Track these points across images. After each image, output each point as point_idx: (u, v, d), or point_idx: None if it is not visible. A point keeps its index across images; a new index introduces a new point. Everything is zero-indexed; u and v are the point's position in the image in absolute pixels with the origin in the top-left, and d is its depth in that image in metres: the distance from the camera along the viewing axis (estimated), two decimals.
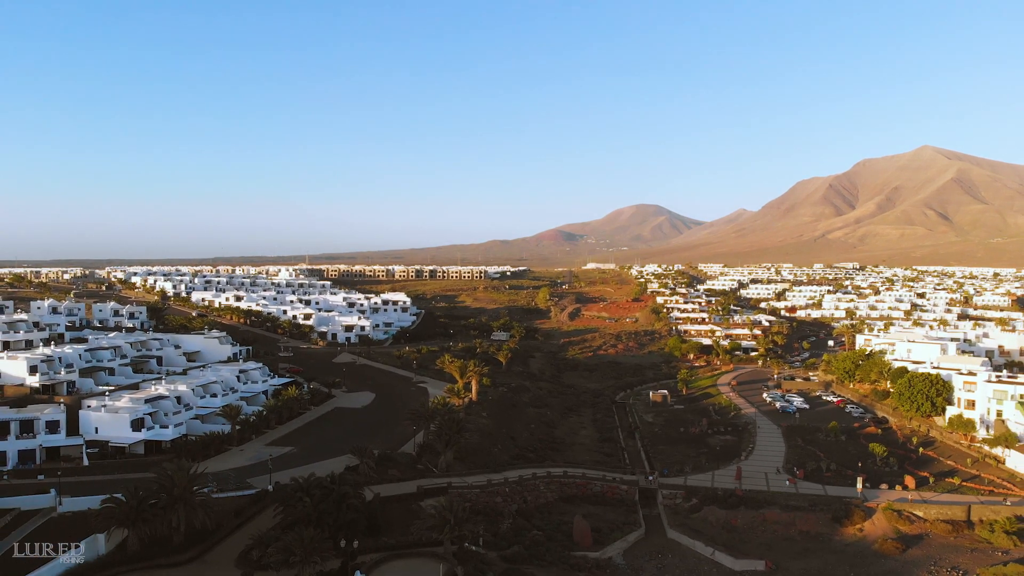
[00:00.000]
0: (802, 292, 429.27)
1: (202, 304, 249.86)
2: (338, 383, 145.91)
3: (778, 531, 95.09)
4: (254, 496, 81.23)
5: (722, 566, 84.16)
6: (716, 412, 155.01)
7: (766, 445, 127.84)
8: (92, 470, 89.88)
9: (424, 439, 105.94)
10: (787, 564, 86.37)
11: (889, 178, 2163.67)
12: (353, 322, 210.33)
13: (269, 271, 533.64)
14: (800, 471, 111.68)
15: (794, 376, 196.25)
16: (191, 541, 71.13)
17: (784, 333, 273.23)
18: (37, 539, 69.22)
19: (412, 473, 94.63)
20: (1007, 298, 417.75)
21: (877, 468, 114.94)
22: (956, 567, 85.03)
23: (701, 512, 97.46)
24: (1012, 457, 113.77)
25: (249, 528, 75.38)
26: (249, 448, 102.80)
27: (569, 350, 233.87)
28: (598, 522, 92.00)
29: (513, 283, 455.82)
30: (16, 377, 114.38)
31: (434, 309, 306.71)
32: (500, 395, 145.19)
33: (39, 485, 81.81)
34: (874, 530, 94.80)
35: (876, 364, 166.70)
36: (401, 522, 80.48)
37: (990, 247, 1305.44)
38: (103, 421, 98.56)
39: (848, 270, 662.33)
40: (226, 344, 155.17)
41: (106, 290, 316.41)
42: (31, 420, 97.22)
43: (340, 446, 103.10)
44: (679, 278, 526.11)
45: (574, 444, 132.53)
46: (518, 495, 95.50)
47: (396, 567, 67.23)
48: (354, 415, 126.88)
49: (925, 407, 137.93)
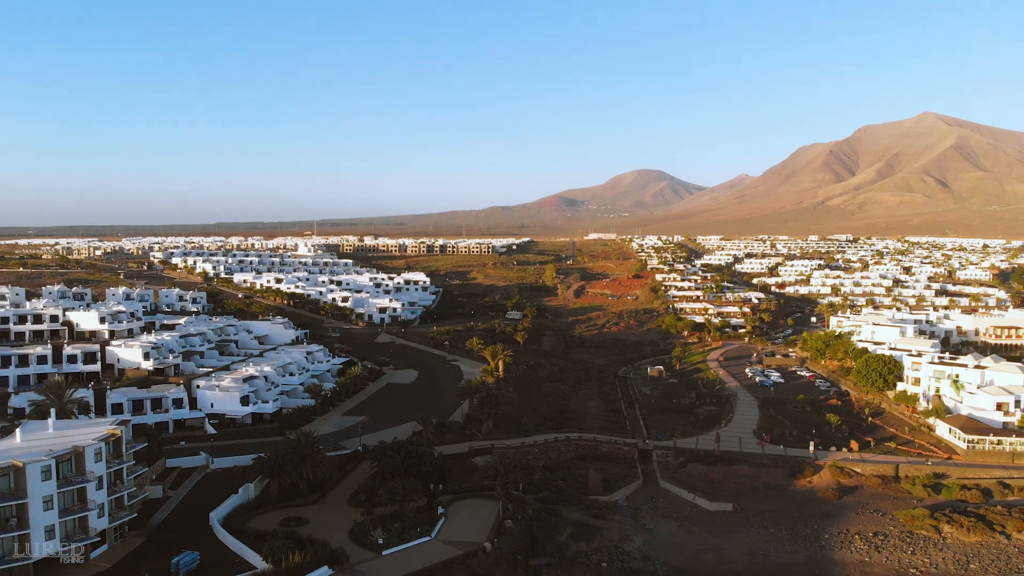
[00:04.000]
0: (793, 267, 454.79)
1: (244, 286, 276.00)
2: (386, 362, 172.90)
3: (745, 482, 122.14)
4: (349, 455, 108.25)
5: (700, 507, 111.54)
6: (704, 386, 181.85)
7: (743, 414, 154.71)
8: (217, 438, 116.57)
9: (468, 410, 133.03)
10: (751, 506, 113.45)
11: (890, 144, 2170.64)
12: (386, 304, 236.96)
13: (286, 244, 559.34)
14: (768, 436, 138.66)
15: (775, 352, 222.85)
16: (312, 488, 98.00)
17: (772, 310, 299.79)
18: (202, 488, 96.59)
19: (462, 437, 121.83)
20: (989, 272, 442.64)
21: (831, 434, 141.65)
22: (878, 510, 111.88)
23: (686, 468, 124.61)
24: (940, 426, 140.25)
25: (351, 478, 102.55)
26: (330, 417, 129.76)
27: (576, 328, 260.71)
28: (606, 474, 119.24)
29: (520, 258, 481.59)
30: (133, 362, 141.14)
31: (450, 287, 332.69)
32: (521, 372, 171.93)
33: (189, 449, 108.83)
34: (820, 482, 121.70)
35: (843, 344, 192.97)
36: (459, 474, 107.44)
37: (987, 215, 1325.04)
38: (217, 398, 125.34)
39: (841, 242, 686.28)
40: (289, 329, 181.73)
41: (147, 270, 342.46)
42: (160, 398, 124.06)
43: (401, 416, 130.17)
44: (678, 252, 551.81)
45: (584, 413, 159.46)
46: (544, 454, 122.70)
47: (464, 504, 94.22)
48: (404, 390, 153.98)
49: (879, 383, 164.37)
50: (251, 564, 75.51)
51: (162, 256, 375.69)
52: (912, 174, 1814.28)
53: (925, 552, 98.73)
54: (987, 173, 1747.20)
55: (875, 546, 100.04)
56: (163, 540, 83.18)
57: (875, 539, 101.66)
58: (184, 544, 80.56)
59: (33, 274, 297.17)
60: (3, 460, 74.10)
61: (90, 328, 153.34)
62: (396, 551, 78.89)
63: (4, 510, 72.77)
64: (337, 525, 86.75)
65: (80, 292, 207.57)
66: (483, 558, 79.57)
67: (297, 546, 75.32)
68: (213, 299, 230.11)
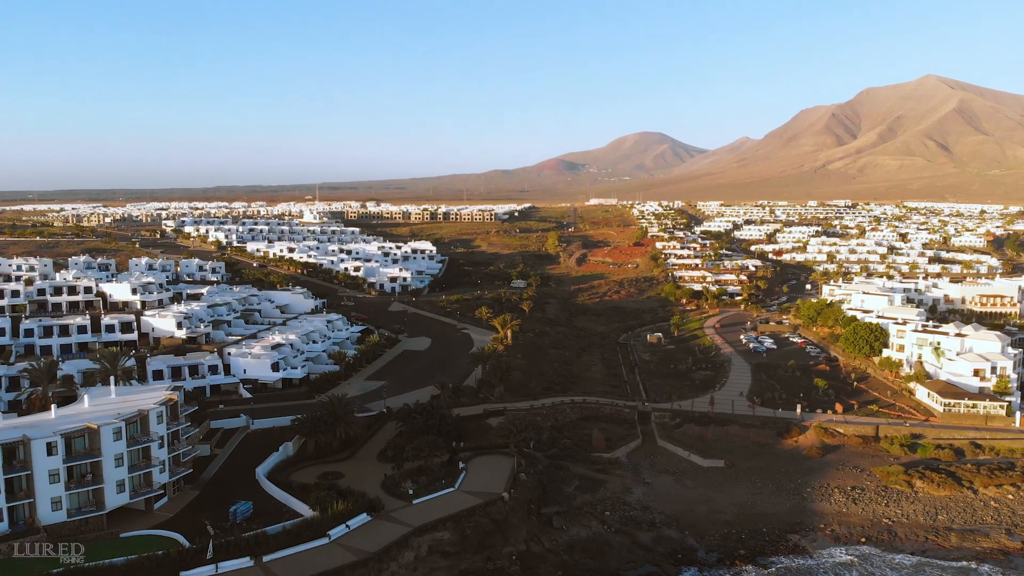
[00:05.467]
0: (791, 233, 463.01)
1: (258, 255, 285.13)
2: (401, 330, 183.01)
3: (737, 441, 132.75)
4: (375, 416, 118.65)
5: (695, 464, 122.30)
6: (700, 352, 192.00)
7: (736, 378, 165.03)
8: (253, 401, 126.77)
9: (481, 375, 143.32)
10: (741, 463, 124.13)
11: (892, 107, 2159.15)
12: (396, 274, 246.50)
13: (291, 211, 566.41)
14: (759, 399, 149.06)
15: (769, 320, 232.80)
16: (344, 445, 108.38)
17: (768, 277, 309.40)
18: (244, 447, 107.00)
19: (476, 400, 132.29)
20: (984, 239, 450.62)
21: (818, 397, 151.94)
22: (857, 467, 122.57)
23: (682, 428, 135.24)
24: (919, 391, 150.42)
25: (378, 436, 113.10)
26: (354, 382, 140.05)
27: (579, 296, 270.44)
28: (609, 434, 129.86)
29: (522, 225, 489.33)
30: (167, 331, 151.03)
31: (456, 256, 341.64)
32: (528, 339, 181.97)
33: (229, 412, 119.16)
34: (805, 441, 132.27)
35: (834, 312, 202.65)
36: (475, 433, 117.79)
37: (987, 179, 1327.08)
38: (249, 364, 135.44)
39: (840, 208, 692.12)
40: (308, 298, 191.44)
41: (161, 238, 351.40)
42: (196, 365, 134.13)
43: (419, 380, 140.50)
44: (678, 218, 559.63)
45: (588, 378, 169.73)
46: (551, 416, 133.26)
47: (481, 460, 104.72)
48: (419, 356, 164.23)
49: (865, 350, 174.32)
50: (298, 512, 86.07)
51: (174, 225, 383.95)
52: (913, 137, 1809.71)
53: (898, 504, 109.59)
54: (988, 137, 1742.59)
55: (852, 498, 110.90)
56: (216, 493, 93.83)
57: (853, 492, 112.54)
58: (235, 496, 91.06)
59: (50, 243, 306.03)
60: (79, 423, 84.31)
61: (122, 299, 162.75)
62: (425, 500, 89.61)
63: (81, 467, 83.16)
64: (369, 478, 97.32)
65: (105, 263, 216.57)
66: (501, 506, 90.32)
67: (339, 496, 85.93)
68: (231, 269, 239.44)
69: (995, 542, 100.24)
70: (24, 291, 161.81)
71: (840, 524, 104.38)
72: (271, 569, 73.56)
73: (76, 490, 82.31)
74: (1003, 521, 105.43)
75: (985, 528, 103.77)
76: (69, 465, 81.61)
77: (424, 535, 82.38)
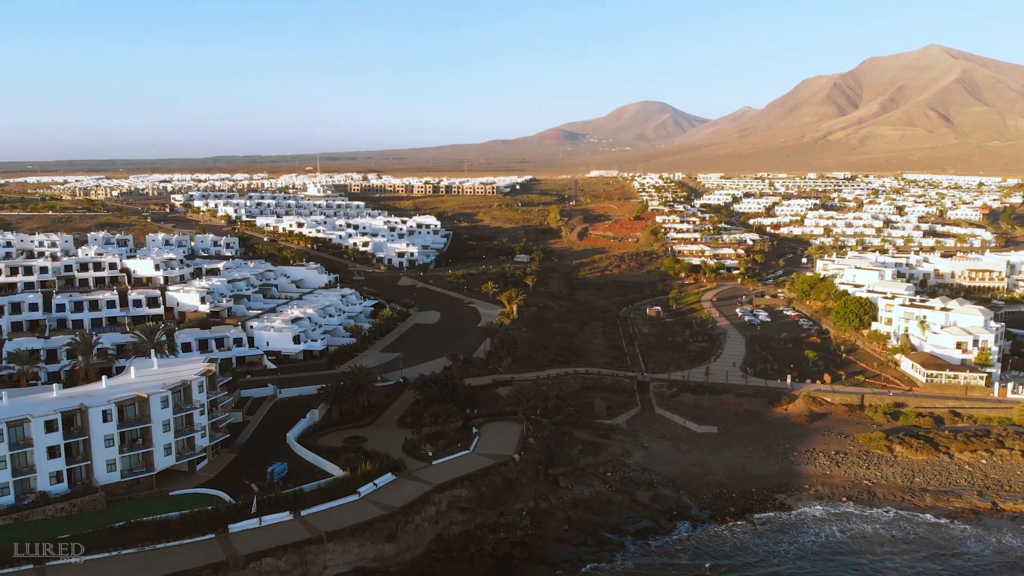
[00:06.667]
0: (789, 207, 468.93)
1: (268, 230, 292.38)
2: (411, 304, 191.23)
3: (730, 409, 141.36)
4: (393, 385, 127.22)
5: (690, 430, 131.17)
6: (697, 324, 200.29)
7: (731, 350, 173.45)
8: (276, 372, 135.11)
9: (490, 347, 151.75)
10: (733, 429, 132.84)
11: (894, 77, 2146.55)
12: (404, 249, 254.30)
13: (295, 184, 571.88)
14: (751, 370, 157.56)
15: (764, 293, 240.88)
16: (365, 412, 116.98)
17: (765, 251, 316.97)
18: (273, 414, 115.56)
19: (485, 371, 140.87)
20: (980, 212, 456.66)
21: (808, 368, 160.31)
22: (842, 433, 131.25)
23: (678, 397, 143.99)
24: (904, 362, 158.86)
25: (396, 404, 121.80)
26: (370, 354, 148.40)
27: (580, 271, 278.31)
28: (610, 402, 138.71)
29: (524, 199, 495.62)
30: (191, 305, 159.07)
31: (460, 230, 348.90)
32: (533, 313, 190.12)
33: (256, 381, 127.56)
34: (794, 409, 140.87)
35: (826, 286, 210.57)
36: (486, 401, 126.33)
37: (987, 150, 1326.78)
38: (272, 337, 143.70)
39: (839, 180, 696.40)
40: (323, 274, 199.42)
41: (171, 212, 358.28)
42: (222, 338, 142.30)
43: (431, 352, 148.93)
44: (678, 191, 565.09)
45: (590, 350, 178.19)
46: (556, 385, 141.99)
47: (493, 426, 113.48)
48: (430, 330, 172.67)
49: (855, 323, 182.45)
50: (328, 472, 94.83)
51: (183, 199, 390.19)
52: (915, 108, 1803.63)
53: (878, 467, 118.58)
54: (990, 108, 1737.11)
55: (836, 462, 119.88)
56: (250, 455, 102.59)
57: (836, 456, 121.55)
58: (268, 459, 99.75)
59: (64, 217, 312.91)
60: (130, 392, 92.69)
61: (146, 274, 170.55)
62: (443, 461, 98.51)
63: (133, 432, 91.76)
64: (391, 442, 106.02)
65: (123, 239, 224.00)
66: (512, 466, 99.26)
67: (365, 457, 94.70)
68: (243, 244, 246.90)
69: (967, 502, 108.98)
70: (52, 267, 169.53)
71: (824, 485, 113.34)
72: (308, 522, 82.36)
73: (128, 453, 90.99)
74: (976, 483, 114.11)
75: (958, 490, 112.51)
76: (122, 431, 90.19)
77: (444, 492, 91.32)
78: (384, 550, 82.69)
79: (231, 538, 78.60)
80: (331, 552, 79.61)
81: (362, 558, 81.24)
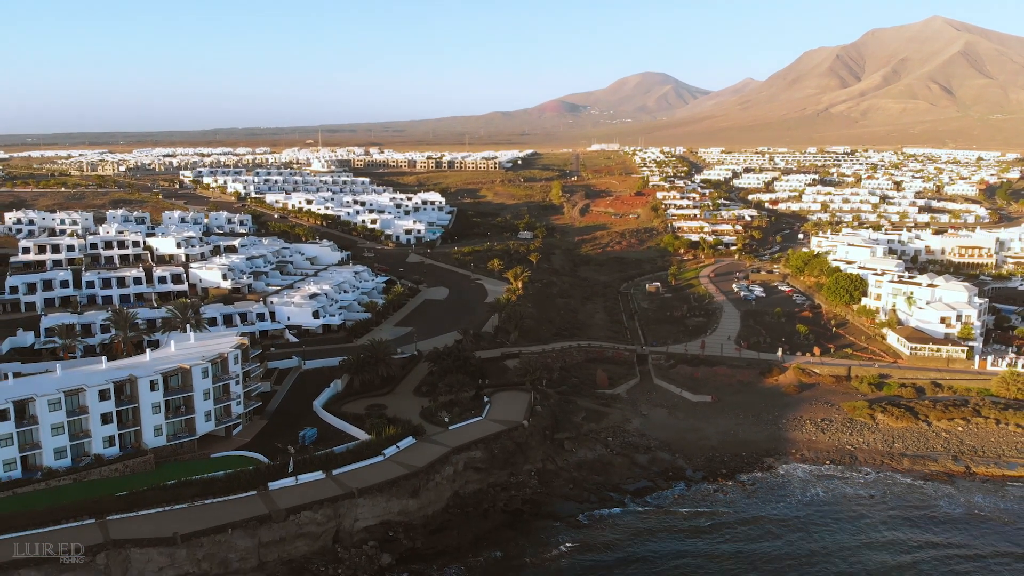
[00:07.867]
0: (788, 182, 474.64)
1: (277, 206, 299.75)
2: (421, 281, 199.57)
3: (724, 380, 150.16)
4: (408, 357, 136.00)
5: (686, 399, 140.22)
6: (694, 300, 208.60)
7: (726, 324, 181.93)
8: (299, 345, 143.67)
9: (498, 322, 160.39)
10: (726, 399, 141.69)
11: (896, 49, 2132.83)
12: (411, 226, 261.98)
13: (299, 159, 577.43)
14: (745, 343, 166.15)
15: (760, 269, 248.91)
16: (384, 382, 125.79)
17: (763, 227, 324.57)
18: (299, 384, 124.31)
19: (493, 345, 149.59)
20: (977, 187, 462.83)
21: (799, 341, 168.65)
22: (828, 402, 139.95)
23: (675, 368, 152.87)
24: (890, 336, 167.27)
25: (412, 375, 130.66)
26: (384, 328, 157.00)
27: (582, 247, 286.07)
28: (611, 374, 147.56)
29: (526, 174, 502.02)
30: (213, 282, 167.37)
31: (464, 207, 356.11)
32: (537, 289, 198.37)
33: (281, 354, 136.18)
34: (785, 380, 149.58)
35: (819, 263, 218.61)
36: (495, 373, 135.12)
37: (989, 123, 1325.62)
38: (292, 312, 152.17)
39: (838, 155, 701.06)
40: (336, 251, 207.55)
41: (180, 188, 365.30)
42: (245, 312, 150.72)
43: (442, 327, 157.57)
44: (679, 166, 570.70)
45: (592, 324, 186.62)
46: (560, 358, 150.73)
47: (503, 396, 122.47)
48: (439, 305, 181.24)
49: (845, 298, 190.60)
50: (354, 436, 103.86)
51: (191, 175, 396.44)
52: (917, 80, 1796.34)
53: (860, 434, 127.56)
54: (992, 80, 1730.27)
55: (821, 429, 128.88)
56: (281, 422, 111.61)
57: (822, 423, 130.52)
58: (298, 425, 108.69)
59: (76, 194, 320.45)
60: (173, 364, 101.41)
61: (168, 252, 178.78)
62: (458, 427, 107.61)
63: (177, 400, 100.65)
64: (409, 409, 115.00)
65: (140, 216, 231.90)
66: (522, 431, 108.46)
67: (388, 423, 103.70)
68: (256, 221, 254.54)
69: (942, 466, 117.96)
70: (78, 245, 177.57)
71: (809, 449, 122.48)
72: (340, 480, 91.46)
73: (173, 419, 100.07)
74: (951, 449, 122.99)
75: (935, 455, 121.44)
76: (167, 399, 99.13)
77: (460, 454, 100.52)
78: (408, 505, 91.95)
79: (271, 495, 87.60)
80: (361, 507, 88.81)
81: (389, 512, 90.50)
